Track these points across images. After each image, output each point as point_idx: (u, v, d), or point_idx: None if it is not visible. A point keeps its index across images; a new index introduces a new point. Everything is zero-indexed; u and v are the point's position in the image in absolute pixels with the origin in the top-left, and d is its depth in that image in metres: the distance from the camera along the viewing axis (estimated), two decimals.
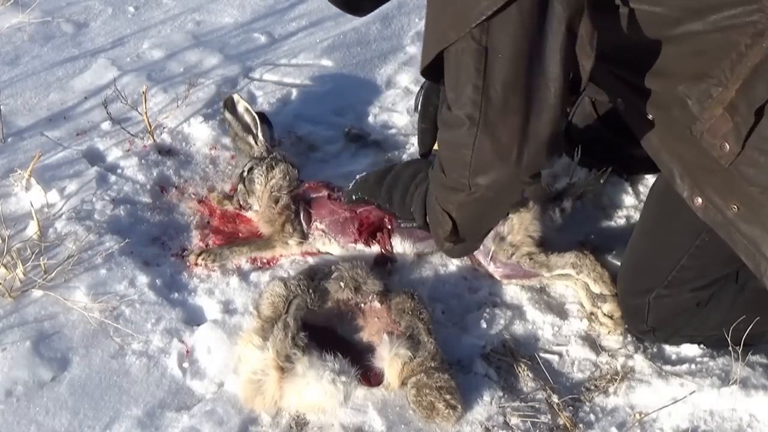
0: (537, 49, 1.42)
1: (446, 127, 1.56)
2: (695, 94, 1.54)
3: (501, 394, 1.87)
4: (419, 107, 2.13)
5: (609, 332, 1.99)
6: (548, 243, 2.13)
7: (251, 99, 2.69)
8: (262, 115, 2.38)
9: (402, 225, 2.12)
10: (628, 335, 2.00)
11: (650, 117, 1.66)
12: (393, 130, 2.65)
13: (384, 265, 2.16)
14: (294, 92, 2.77)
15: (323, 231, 2.19)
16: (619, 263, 2.15)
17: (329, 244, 2.19)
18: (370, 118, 2.70)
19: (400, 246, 2.17)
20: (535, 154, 1.51)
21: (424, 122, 2.11)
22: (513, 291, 2.13)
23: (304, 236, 2.19)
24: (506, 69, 1.42)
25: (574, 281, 2.07)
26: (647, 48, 1.56)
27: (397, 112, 2.71)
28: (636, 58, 1.58)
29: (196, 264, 2.15)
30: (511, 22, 1.39)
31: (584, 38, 1.43)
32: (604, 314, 1.99)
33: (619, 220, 2.32)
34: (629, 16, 1.51)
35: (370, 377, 1.84)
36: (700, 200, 1.63)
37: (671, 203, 1.75)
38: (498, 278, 2.11)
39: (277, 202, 2.21)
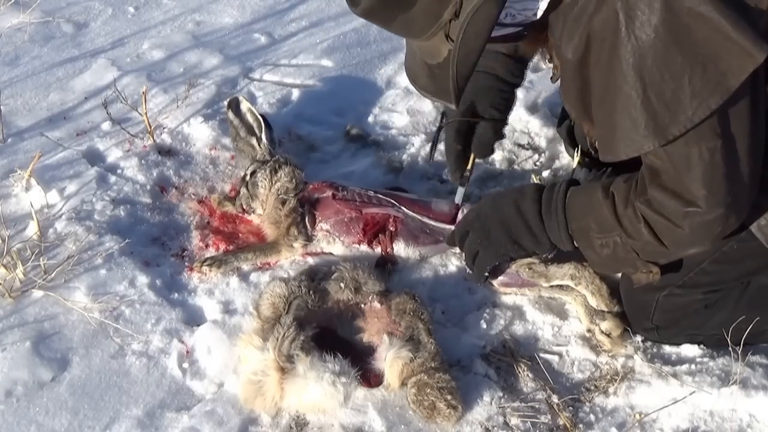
0: (759, 118, 1.52)
1: (690, 220, 1.58)
2: None
3: (501, 394, 1.87)
4: (451, 129, 2.15)
5: (607, 350, 1.97)
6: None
7: (251, 99, 2.69)
8: (263, 117, 2.38)
9: (549, 256, 1.99)
10: (629, 336, 1.99)
11: None
12: (393, 130, 2.65)
13: (384, 266, 2.16)
14: (294, 92, 2.77)
15: (328, 231, 2.19)
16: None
17: (333, 243, 2.19)
18: (370, 118, 2.70)
19: (404, 249, 2.17)
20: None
21: (459, 142, 2.15)
22: None
23: (308, 239, 2.19)
24: (743, 146, 1.51)
25: (573, 297, 2.06)
26: None
27: (397, 112, 2.71)
28: None
29: (201, 271, 2.14)
30: (741, 106, 1.48)
31: None
32: (602, 332, 1.98)
33: None
34: None
35: (370, 378, 1.84)
36: None
37: None
38: (495, 286, 2.11)
39: (283, 204, 2.21)
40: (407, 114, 2.69)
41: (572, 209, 1.79)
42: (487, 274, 1.99)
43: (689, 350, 1.96)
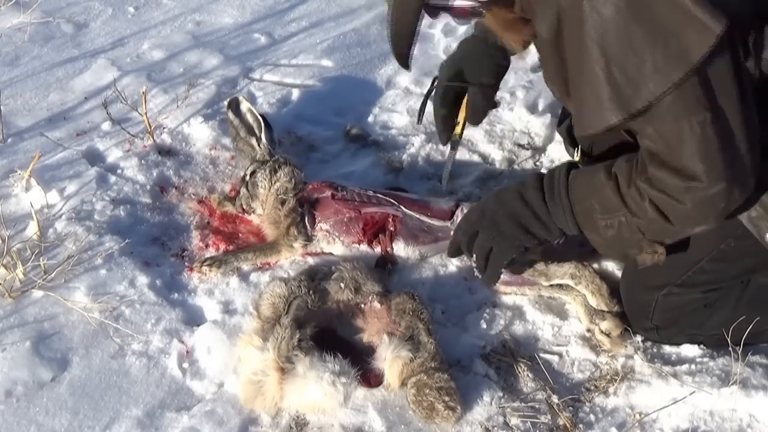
0: (745, 90, 1.53)
1: (692, 196, 1.58)
2: None
3: (501, 394, 1.87)
4: (438, 94, 2.17)
5: (607, 350, 1.97)
6: (548, 246, 2.12)
7: (251, 99, 2.69)
8: (263, 118, 2.38)
9: (560, 242, 1.95)
10: (629, 335, 1.99)
11: None
12: (393, 130, 2.65)
13: (384, 266, 2.16)
14: (294, 92, 2.77)
15: (327, 231, 2.19)
16: (616, 263, 2.15)
17: (333, 243, 2.19)
18: (370, 118, 2.70)
19: (403, 249, 2.18)
20: (759, 173, 1.61)
21: (444, 107, 2.19)
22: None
23: (308, 239, 2.19)
24: (735, 120, 1.52)
25: (573, 296, 2.06)
26: None
27: (397, 112, 2.71)
28: None
29: (201, 271, 2.14)
30: (722, 78, 1.49)
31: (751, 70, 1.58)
32: (602, 332, 1.98)
33: None
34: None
35: (370, 378, 1.84)
36: None
37: None
38: (495, 286, 2.11)
39: (283, 204, 2.21)
40: (407, 114, 2.69)
41: (575, 191, 1.78)
42: (502, 270, 1.92)
43: (689, 350, 1.96)
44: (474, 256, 1.91)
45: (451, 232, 2.17)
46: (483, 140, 2.58)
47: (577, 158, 2.27)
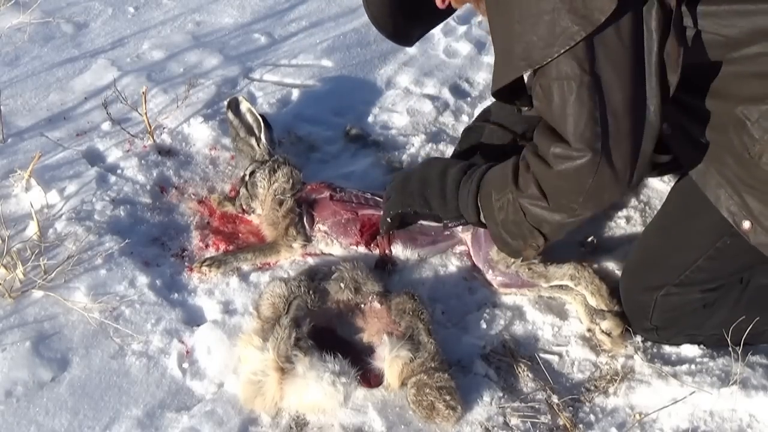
0: (639, 70, 1.53)
1: (560, 159, 1.60)
2: (755, 115, 1.59)
3: (501, 394, 1.87)
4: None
5: (607, 350, 1.97)
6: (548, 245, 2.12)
7: (251, 99, 2.69)
8: (262, 118, 2.38)
9: (450, 224, 2.04)
10: (629, 335, 1.99)
11: (703, 141, 1.69)
12: (393, 130, 2.65)
13: (384, 268, 2.16)
14: (294, 92, 2.77)
15: (326, 232, 2.19)
16: (616, 263, 2.15)
17: (331, 245, 2.19)
18: (370, 118, 2.70)
19: (401, 251, 2.18)
20: (642, 170, 1.61)
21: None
22: None
23: (307, 239, 2.19)
24: (617, 95, 1.53)
25: (573, 296, 2.06)
26: (706, 69, 1.62)
27: (397, 112, 2.71)
28: (694, 79, 1.61)
29: (201, 272, 2.14)
30: (612, 48, 1.51)
31: (671, 56, 1.54)
32: (602, 331, 1.98)
33: (619, 220, 2.32)
34: (694, 38, 1.58)
35: (370, 378, 1.84)
36: (748, 224, 1.67)
37: (696, 202, 1.76)
38: (495, 286, 2.11)
39: (281, 205, 2.21)
40: (407, 114, 2.69)
41: (487, 177, 1.84)
42: (389, 219, 2.00)
43: (689, 350, 1.96)
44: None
45: (447, 233, 2.19)
46: None
47: None
